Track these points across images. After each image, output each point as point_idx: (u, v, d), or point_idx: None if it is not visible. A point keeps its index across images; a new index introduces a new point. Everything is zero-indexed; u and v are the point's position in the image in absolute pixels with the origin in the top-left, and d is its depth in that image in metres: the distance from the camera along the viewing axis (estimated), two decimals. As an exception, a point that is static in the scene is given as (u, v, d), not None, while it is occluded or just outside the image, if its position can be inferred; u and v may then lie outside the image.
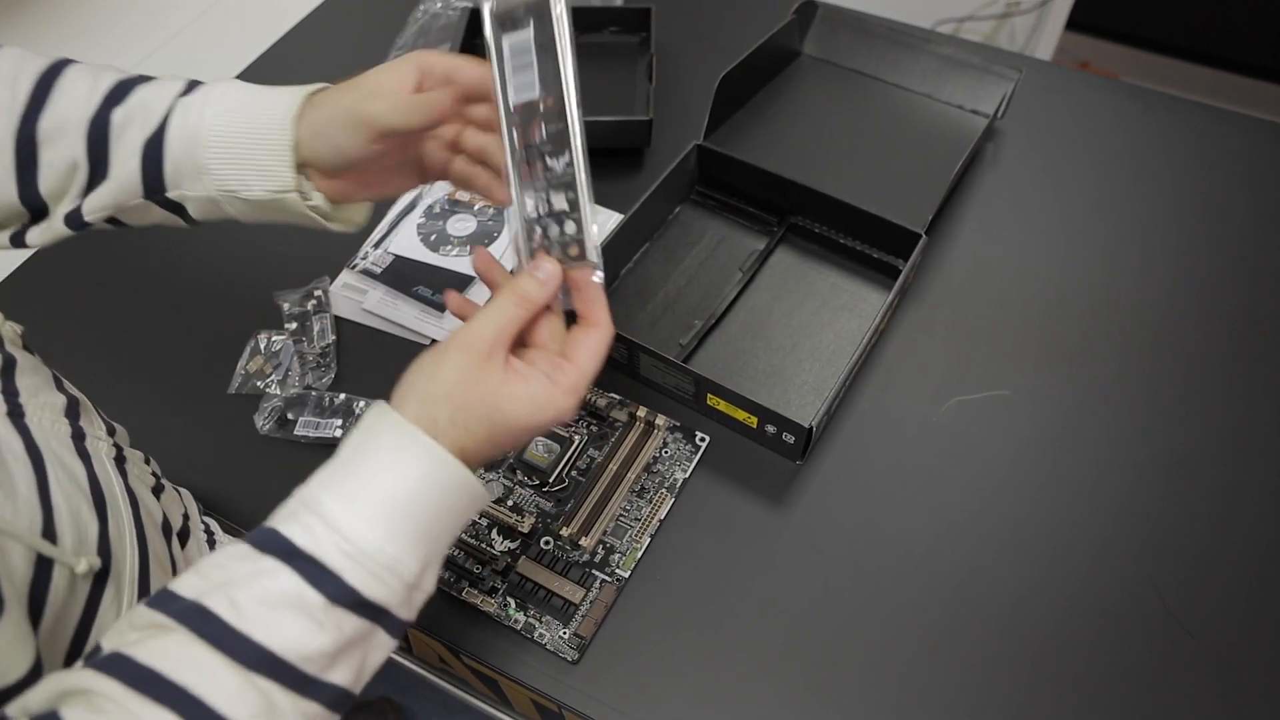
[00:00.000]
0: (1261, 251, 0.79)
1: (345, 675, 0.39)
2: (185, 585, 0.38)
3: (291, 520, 0.39)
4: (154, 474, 0.54)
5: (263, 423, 0.69)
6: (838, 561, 0.62)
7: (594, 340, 0.47)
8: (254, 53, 1.04)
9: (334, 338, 0.75)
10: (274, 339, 0.74)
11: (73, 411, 0.47)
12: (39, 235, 0.51)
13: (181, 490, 0.59)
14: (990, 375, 0.71)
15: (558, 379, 0.45)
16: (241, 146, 0.48)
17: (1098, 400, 0.70)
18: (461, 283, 0.77)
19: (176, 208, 0.51)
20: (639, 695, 0.57)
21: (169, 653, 0.35)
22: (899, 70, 0.92)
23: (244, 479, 0.68)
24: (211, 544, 0.60)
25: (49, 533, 0.40)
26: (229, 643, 0.36)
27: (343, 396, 0.70)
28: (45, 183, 0.49)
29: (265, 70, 1.02)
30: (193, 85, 0.51)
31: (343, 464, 0.41)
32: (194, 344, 0.76)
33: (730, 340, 0.74)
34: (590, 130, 0.88)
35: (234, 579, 0.37)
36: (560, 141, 0.48)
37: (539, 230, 0.49)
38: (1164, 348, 0.73)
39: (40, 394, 0.45)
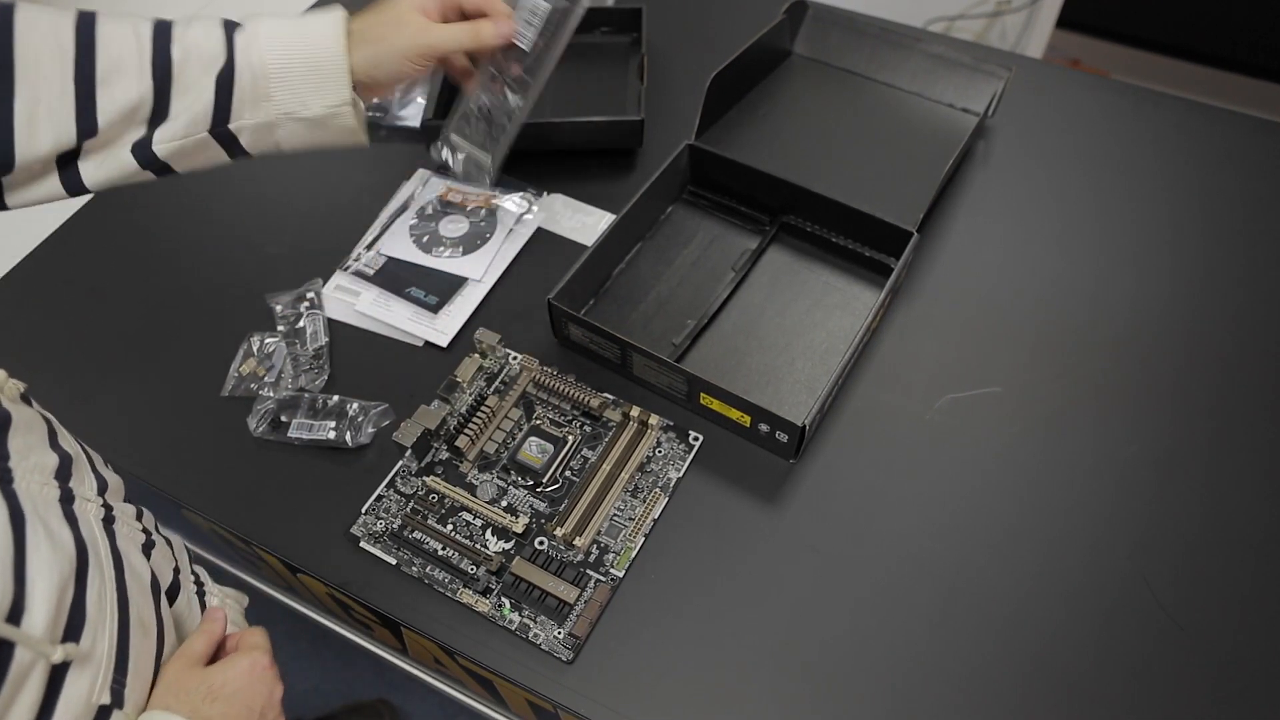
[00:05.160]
0: (1252, 248, 0.79)
1: None
2: None
3: None
4: (144, 530, 0.52)
5: (255, 425, 0.69)
6: (832, 559, 0.62)
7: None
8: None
9: (327, 339, 0.74)
10: (266, 341, 0.74)
11: (64, 472, 0.46)
12: (96, 170, 0.54)
13: (172, 541, 0.57)
14: (982, 372, 0.71)
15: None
16: (299, 73, 0.56)
17: (1089, 396, 0.70)
18: (455, 283, 0.77)
19: (230, 141, 0.57)
20: (634, 694, 0.57)
21: None
22: (890, 69, 0.92)
23: (237, 481, 0.68)
24: (201, 595, 0.58)
25: (16, 610, 0.38)
26: None
27: (336, 398, 0.70)
28: (105, 117, 0.53)
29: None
30: (233, 24, 0.57)
31: None
32: (186, 347, 0.76)
33: (723, 339, 0.74)
34: (582, 131, 0.88)
35: None
36: (524, 87, 0.67)
37: (475, 114, 0.69)
38: (1154, 344, 0.73)
39: (32, 455, 0.44)
